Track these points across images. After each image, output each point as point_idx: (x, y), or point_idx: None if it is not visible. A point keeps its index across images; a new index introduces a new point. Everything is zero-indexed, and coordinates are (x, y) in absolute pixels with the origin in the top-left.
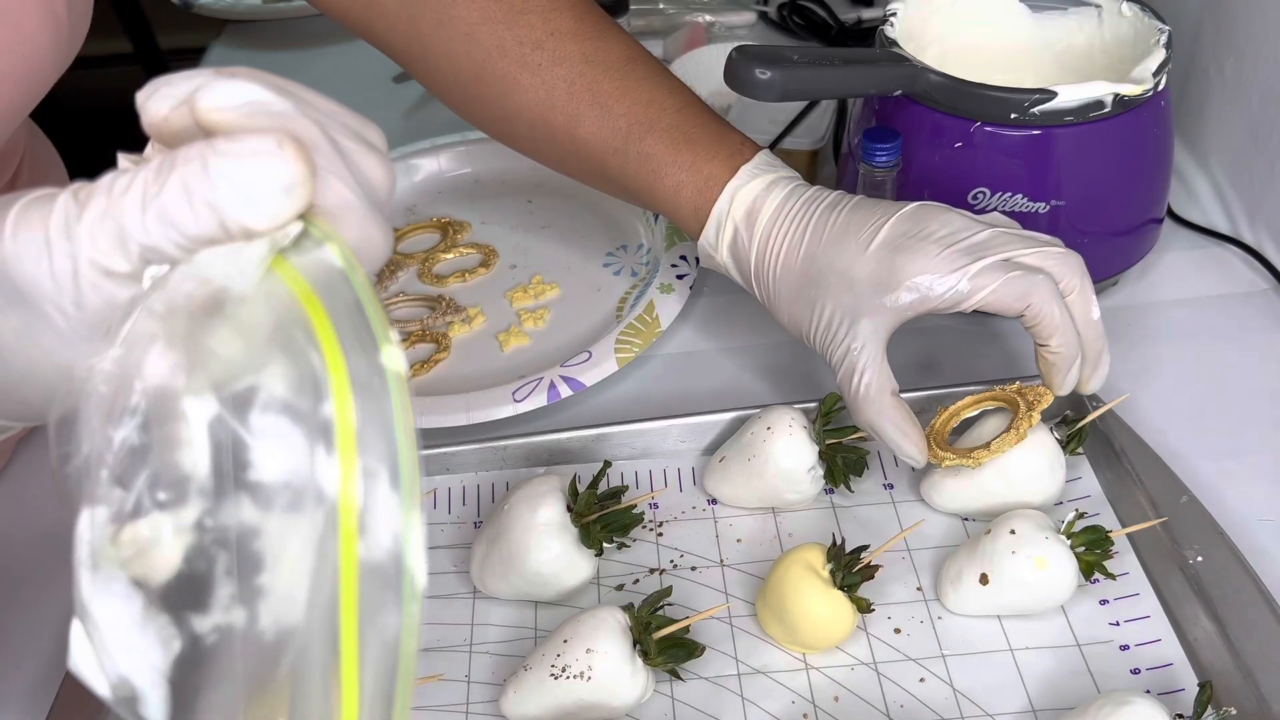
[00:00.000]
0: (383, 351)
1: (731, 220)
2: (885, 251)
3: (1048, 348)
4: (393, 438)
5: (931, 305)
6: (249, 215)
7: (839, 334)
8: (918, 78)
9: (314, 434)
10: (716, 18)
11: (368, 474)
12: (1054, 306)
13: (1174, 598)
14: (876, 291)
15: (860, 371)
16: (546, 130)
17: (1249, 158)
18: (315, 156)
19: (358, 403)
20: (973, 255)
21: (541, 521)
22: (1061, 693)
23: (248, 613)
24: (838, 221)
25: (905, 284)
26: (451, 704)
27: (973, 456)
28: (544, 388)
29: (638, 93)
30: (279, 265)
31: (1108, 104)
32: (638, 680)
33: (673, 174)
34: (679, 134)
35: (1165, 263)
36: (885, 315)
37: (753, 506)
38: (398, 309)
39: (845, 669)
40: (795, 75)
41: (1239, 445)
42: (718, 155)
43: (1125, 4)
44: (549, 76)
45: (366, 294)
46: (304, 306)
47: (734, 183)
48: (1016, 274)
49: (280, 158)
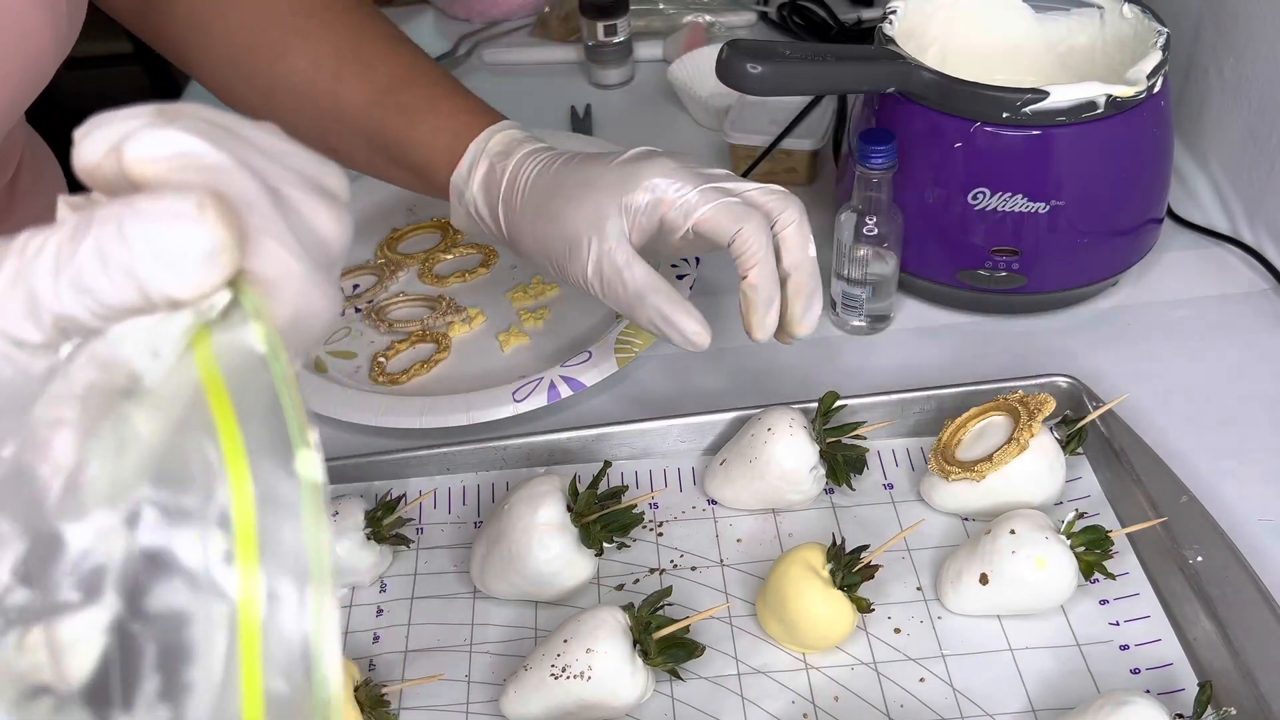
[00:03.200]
0: (298, 457)
1: (487, 156)
2: (626, 164)
3: (747, 279)
4: (301, 554)
5: (664, 210)
6: (170, 283)
7: (585, 243)
8: (910, 75)
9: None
10: (716, 18)
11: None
12: (761, 238)
13: (1174, 597)
14: (616, 192)
15: (622, 268)
16: (311, 96)
17: (1249, 158)
18: (249, 216)
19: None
20: (704, 178)
21: (542, 521)
22: (1061, 692)
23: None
24: (587, 158)
25: (642, 184)
26: (452, 704)
27: (976, 470)
28: (544, 388)
29: (401, 58)
30: (201, 342)
31: (1101, 105)
32: (638, 680)
33: (430, 120)
34: (439, 89)
35: (1165, 263)
36: (626, 216)
37: (754, 508)
38: (398, 309)
39: (845, 669)
40: (786, 70)
41: (1239, 445)
42: (474, 110)
43: (1126, 5)
44: (319, 41)
45: (287, 387)
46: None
47: (493, 127)
48: (735, 201)
49: (200, 222)
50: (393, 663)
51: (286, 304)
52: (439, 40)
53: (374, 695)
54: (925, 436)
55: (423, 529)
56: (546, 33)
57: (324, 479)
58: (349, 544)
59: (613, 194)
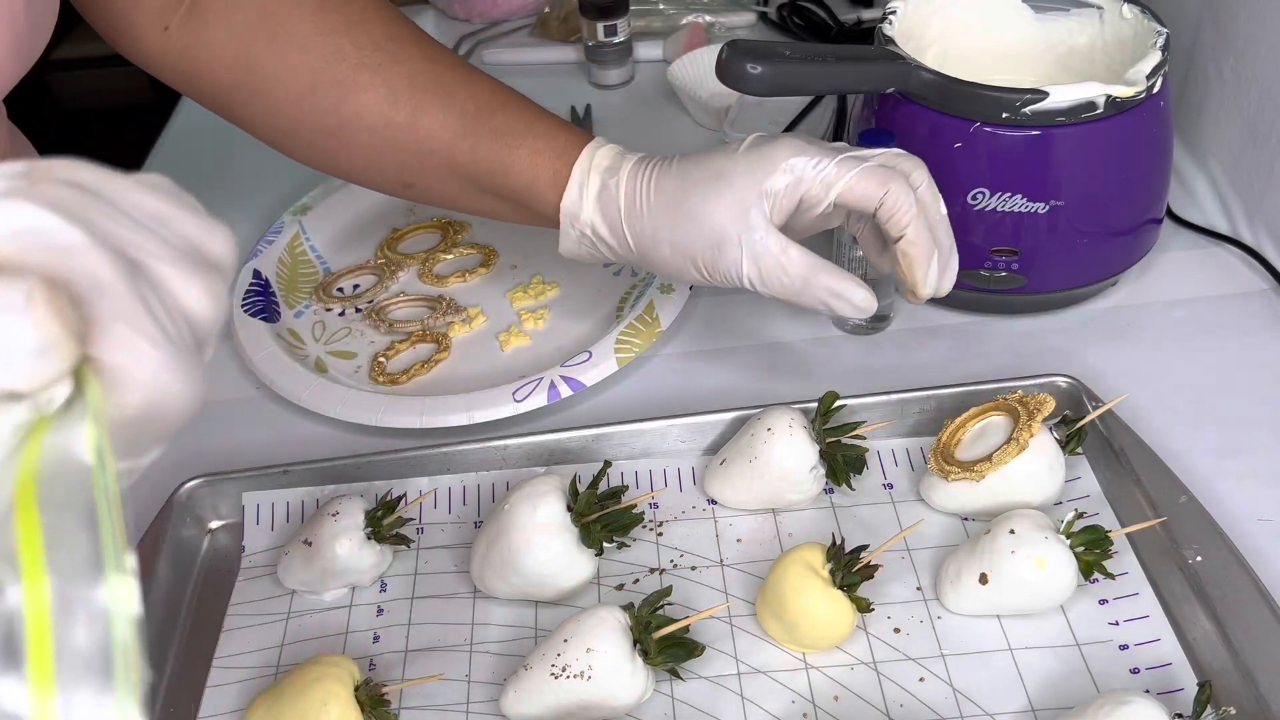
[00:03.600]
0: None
1: (596, 172)
2: (753, 150)
3: (905, 238)
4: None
5: (805, 188)
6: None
7: (735, 240)
8: (910, 75)
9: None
10: (716, 18)
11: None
12: (909, 197)
13: (1173, 597)
14: (754, 179)
15: (779, 253)
16: (388, 130)
17: (1248, 158)
18: (98, 301)
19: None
20: (836, 150)
21: (542, 521)
22: (1061, 692)
23: None
24: (701, 153)
25: (780, 166)
26: (452, 703)
27: (975, 470)
28: (544, 388)
29: (481, 84)
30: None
31: (1100, 105)
32: (638, 679)
33: (529, 142)
34: (527, 113)
35: (1165, 263)
36: (767, 201)
37: (754, 508)
38: (398, 309)
39: (845, 668)
40: (786, 70)
41: (1238, 445)
42: (569, 130)
43: (1126, 5)
44: (391, 74)
45: (108, 502)
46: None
47: (593, 144)
48: (874, 165)
49: (27, 316)
50: (393, 662)
51: (137, 394)
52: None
53: (374, 695)
54: (925, 436)
55: (423, 529)
56: (546, 33)
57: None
58: (349, 544)
59: (750, 181)
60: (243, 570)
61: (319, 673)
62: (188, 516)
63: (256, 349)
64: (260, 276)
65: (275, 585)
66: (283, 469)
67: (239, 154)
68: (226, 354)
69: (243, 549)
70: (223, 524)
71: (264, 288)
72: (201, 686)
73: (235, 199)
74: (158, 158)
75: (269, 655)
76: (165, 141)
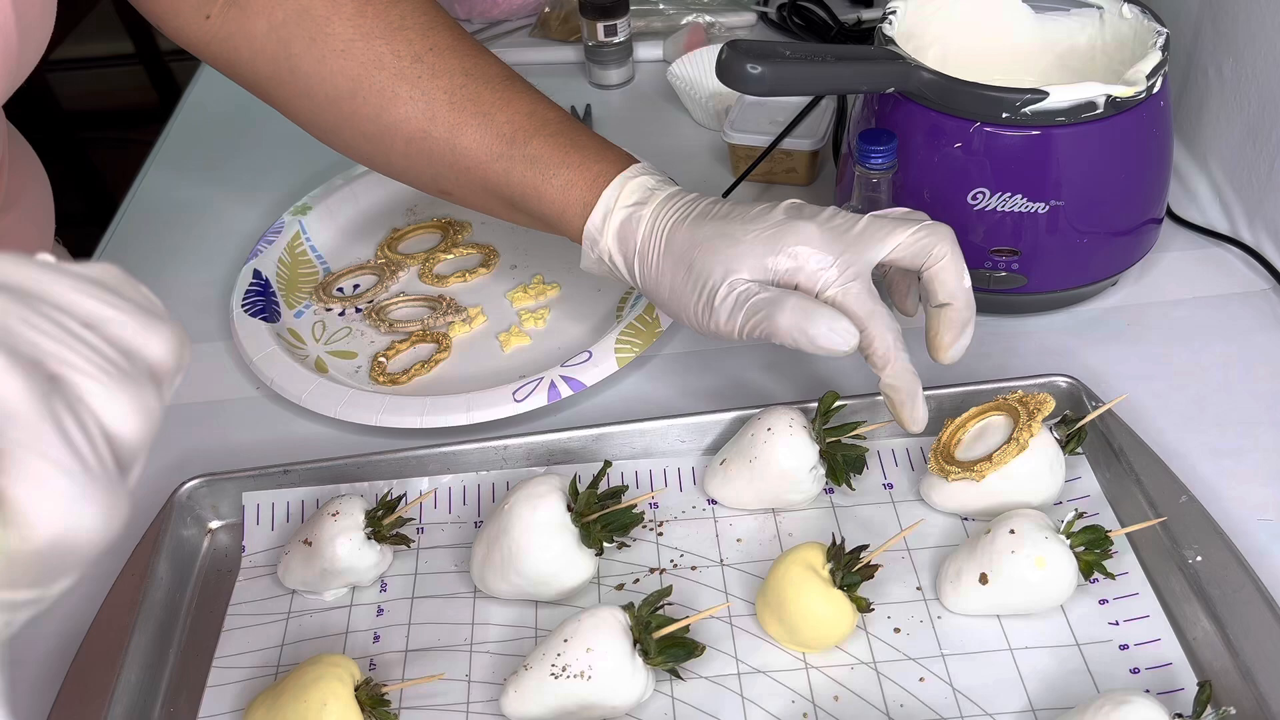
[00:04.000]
0: None
1: (620, 205)
2: (772, 224)
3: (884, 381)
4: None
5: (802, 279)
6: None
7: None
8: (910, 75)
9: None
10: (716, 18)
11: None
12: (889, 339)
13: (1173, 597)
14: (759, 252)
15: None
16: (425, 143)
17: (1248, 158)
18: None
19: None
20: (846, 248)
21: (542, 521)
22: (1061, 692)
23: None
24: (724, 208)
25: (786, 250)
26: (452, 703)
27: (976, 470)
28: (544, 387)
29: (519, 103)
30: None
31: (1100, 105)
32: (638, 679)
33: (562, 173)
34: (564, 139)
35: (1165, 263)
36: (761, 274)
37: (754, 507)
38: (398, 309)
39: (845, 668)
40: (786, 70)
41: (1238, 445)
42: (605, 157)
43: (1126, 5)
44: (429, 88)
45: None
46: None
47: (625, 174)
48: (867, 291)
49: None
50: (393, 662)
51: (45, 528)
52: None
53: (374, 695)
54: (925, 436)
55: (423, 529)
56: (546, 33)
57: None
58: (349, 544)
59: (754, 251)
60: (243, 570)
61: (319, 673)
62: (188, 516)
63: (256, 349)
64: (260, 276)
65: (275, 585)
66: (283, 469)
67: (239, 154)
68: (226, 354)
69: (243, 549)
70: (223, 524)
71: (264, 288)
72: (201, 686)
73: (235, 199)
74: (158, 158)
75: (269, 655)
76: (165, 141)
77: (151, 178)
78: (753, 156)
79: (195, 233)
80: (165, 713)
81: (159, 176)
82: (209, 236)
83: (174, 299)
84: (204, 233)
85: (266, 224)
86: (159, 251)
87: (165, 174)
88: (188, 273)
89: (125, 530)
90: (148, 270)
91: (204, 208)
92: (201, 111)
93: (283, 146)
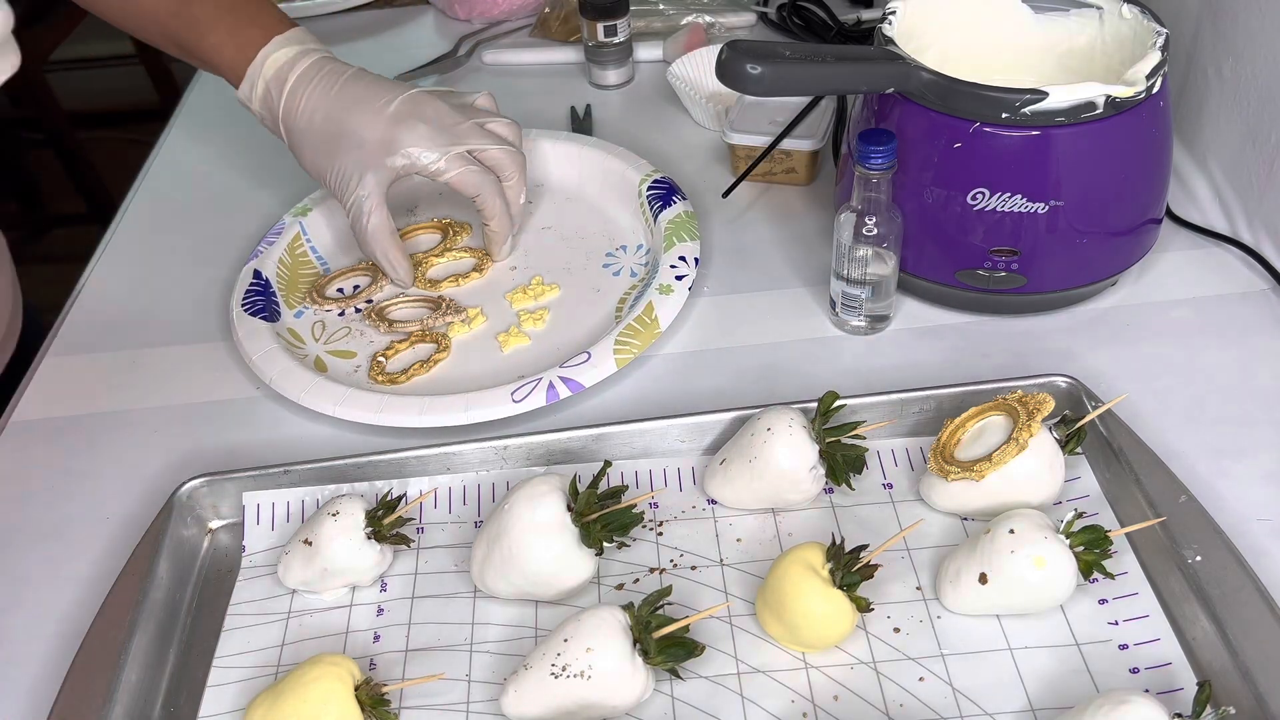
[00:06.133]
0: None
1: (263, 79)
2: (389, 123)
3: (489, 226)
4: None
5: (418, 169)
6: None
7: (350, 185)
8: (910, 75)
9: None
10: (716, 18)
11: None
12: (496, 200)
13: (1172, 597)
14: (380, 153)
15: (367, 214)
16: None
17: (1247, 159)
18: None
19: None
20: (450, 139)
21: (542, 521)
22: (1060, 692)
23: None
24: (355, 92)
25: (401, 151)
26: (452, 703)
27: (975, 470)
28: (543, 388)
29: None
30: None
31: (1099, 105)
32: (638, 679)
33: (213, 36)
34: (224, 4)
35: (1164, 263)
36: (385, 172)
37: (754, 507)
38: (398, 309)
39: (845, 668)
40: (786, 71)
41: (1238, 445)
42: (256, 22)
43: (1125, 6)
44: None
45: None
46: None
47: (267, 48)
48: (475, 169)
49: None
50: (393, 662)
51: None
52: (439, 40)
53: (374, 694)
54: (924, 436)
55: (423, 528)
56: (546, 33)
57: None
58: (349, 544)
59: (376, 153)
60: (243, 570)
61: (319, 672)
62: (188, 516)
63: (256, 349)
64: (260, 276)
65: (275, 585)
66: (283, 469)
67: (240, 154)
68: (226, 354)
69: (243, 549)
70: (223, 524)
71: (264, 288)
72: (201, 686)
73: (236, 199)
74: (158, 158)
75: (269, 655)
76: (165, 141)
77: (152, 178)
78: (753, 156)
79: (195, 233)
80: (165, 713)
81: (159, 176)
82: (209, 236)
83: (174, 299)
84: (204, 233)
85: (267, 225)
86: (159, 251)
87: (165, 174)
88: (188, 273)
89: None
90: (148, 270)
91: (204, 208)
92: (201, 111)
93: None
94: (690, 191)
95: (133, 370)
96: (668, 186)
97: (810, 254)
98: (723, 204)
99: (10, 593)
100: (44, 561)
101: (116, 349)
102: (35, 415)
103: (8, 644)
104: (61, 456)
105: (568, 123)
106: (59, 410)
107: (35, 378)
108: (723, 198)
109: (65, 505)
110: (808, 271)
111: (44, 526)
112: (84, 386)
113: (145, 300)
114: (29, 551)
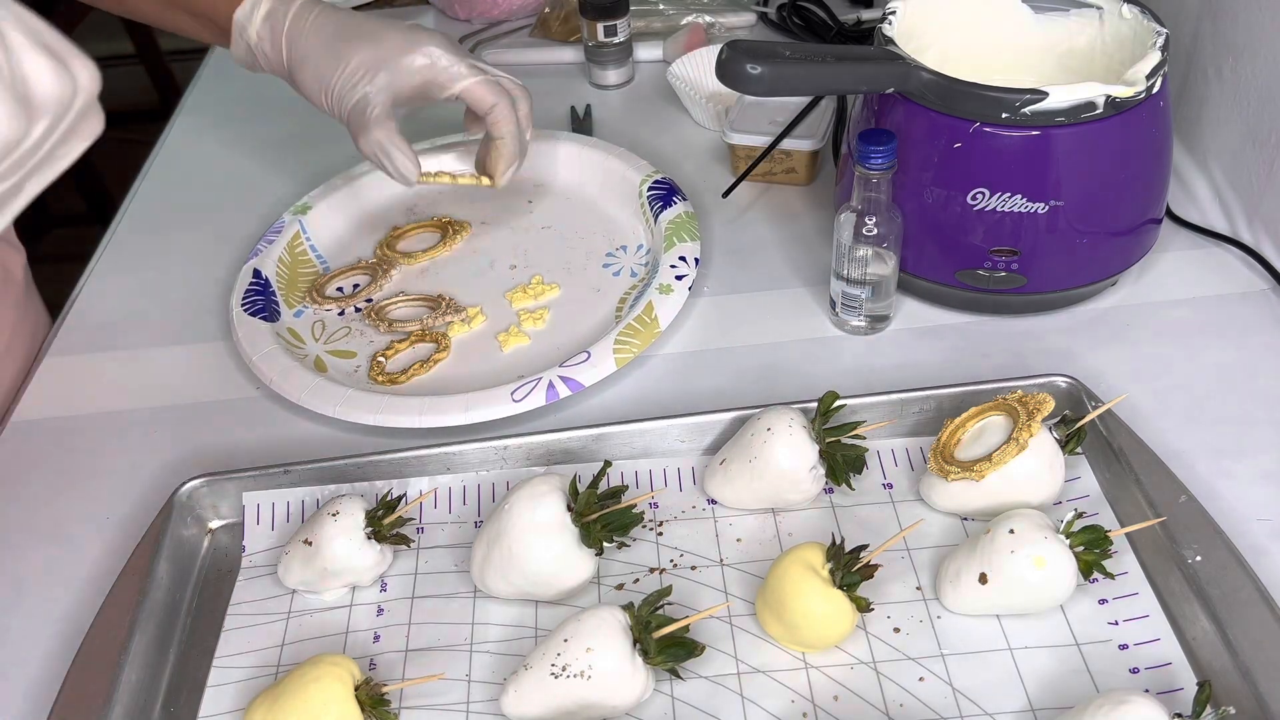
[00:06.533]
0: None
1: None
2: (410, 29)
3: (501, 140)
4: None
5: (435, 74)
6: None
7: (359, 82)
8: (909, 76)
9: None
10: (716, 19)
11: None
12: (511, 115)
13: (1172, 597)
14: (399, 50)
15: (373, 105)
16: None
17: (1248, 159)
18: None
19: None
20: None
21: (542, 521)
22: (1060, 692)
23: None
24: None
25: (421, 49)
26: (452, 703)
27: (976, 469)
28: (542, 388)
29: None
30: None
31: (1100, 105)
32: (638, 679)
33: None
34: None
35: (1164, 263)
36: (400, 74)
37: (754, 507)
38: (398, 309)
39: (845, 668)
40: (786, 71)
41: (1237, 445)
42: None
43: (1125, 6)
44: None
45: None
46: None
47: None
48: (492, 81)
49: None
50: (393, 662)
51: None
52: None
53: (374, 694)
54: (924, 436)
55: (423, 528)
56: (546, 33)
57: None
58: (349, 544)
59: (394, 51)
60: (243, 570)
61: (319, 672)
62: (188, 516)
63: (256, 349)
64: (260, 276)
65: (275, 585)
66: (283, 469)
67: (239, 154)
68: (226, 354)
69: (243, 549)
70: (223, 524)
71: (264, 287)
72: (202, 686)
73: (235, 199)
74: (158, 158)
75: (269, 655)
76: (165, 141)
77: (151, 178)
78: (753, 156)
79: (195, 233)
80: (165, 713)
81: (159, 176)
82: (209, 236)
83: (174, 299)
84: (204, 233)
85: (266, 224)
86: (159, 251)
87: (165, 174)
88: (188, 273)
89: None
90: (148, 270)
91: (204, 208)
92: (201, 111)
93: (282, 146)
94: (690, 191)
95: (133, 370)
96: (668, 187)
97: (810, 254)
98: (723, 204)
99: (10, 593)
100: (44, 561)
101: (116, 349)
102: (35, 415)
103: (8, 644)
104: (61, 456)
105: (568, 123)
106: (59, 410)
107: (35, 378)
108: (723, 198)
109: (65, 505)
110: (808, 271)
111: (44, 526)
112: (84, 386)
113: (145, 300)
114: (29, 551)
